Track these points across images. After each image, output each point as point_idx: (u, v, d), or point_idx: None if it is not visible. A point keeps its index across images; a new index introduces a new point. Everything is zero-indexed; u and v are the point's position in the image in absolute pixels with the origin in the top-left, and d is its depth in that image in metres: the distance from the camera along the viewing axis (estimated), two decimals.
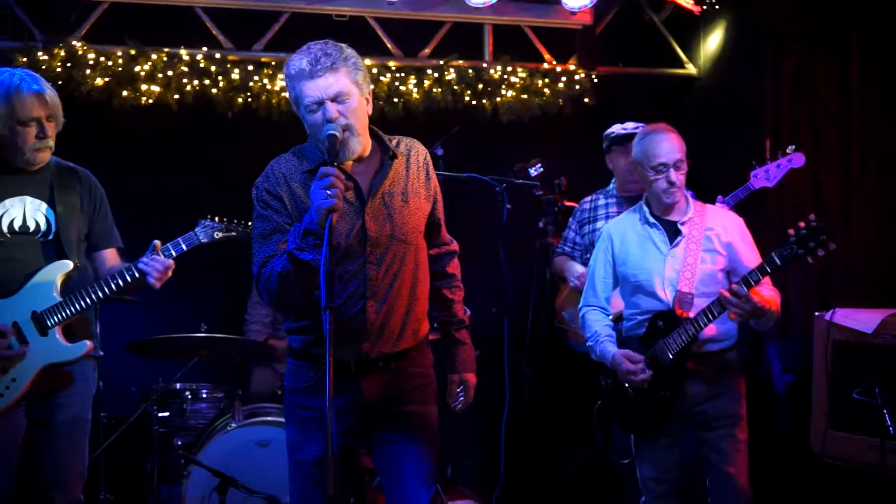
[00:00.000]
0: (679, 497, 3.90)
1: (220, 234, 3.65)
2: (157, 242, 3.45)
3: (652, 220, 3.85)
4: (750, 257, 3.73)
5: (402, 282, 2.96)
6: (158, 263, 3.41)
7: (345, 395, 2.85)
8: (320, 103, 2.81)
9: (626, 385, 3.81)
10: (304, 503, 3.02)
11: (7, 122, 3.33)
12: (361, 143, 2.88)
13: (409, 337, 3.00)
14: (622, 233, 3.94)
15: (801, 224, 3.41)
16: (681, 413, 3.78)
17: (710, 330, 3.67)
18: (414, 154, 3.05)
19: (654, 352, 3.73)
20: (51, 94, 3.43)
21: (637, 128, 5.03)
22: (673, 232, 3.81)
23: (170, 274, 3.47)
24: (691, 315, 3.66)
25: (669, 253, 3.79)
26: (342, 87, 2.81)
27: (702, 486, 4.06)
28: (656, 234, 3.83)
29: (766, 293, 3.60)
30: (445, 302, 3.24)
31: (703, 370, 3.73)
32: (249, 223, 3.55)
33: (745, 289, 3.43)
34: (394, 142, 3.04)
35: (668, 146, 3.76)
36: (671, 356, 3.68)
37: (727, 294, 3.47)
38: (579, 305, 4.08)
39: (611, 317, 3.98)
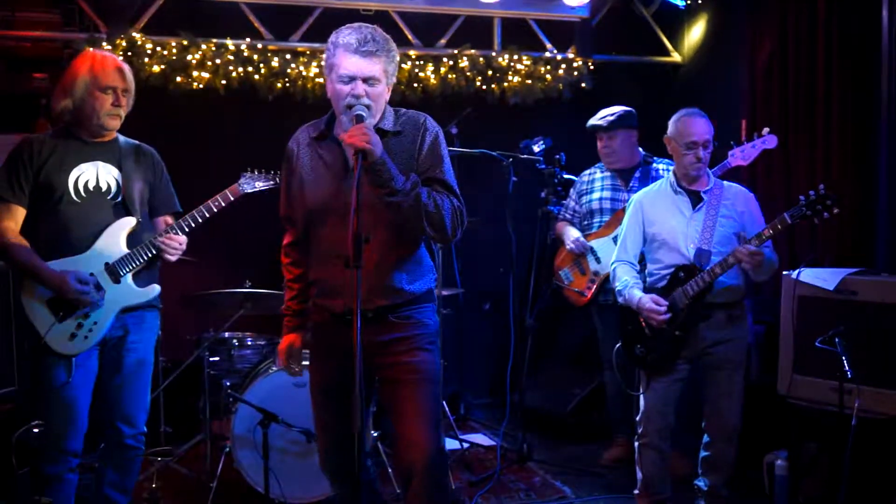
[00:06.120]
0: (670, 433, 3.96)
1: (261, 184, 3.66)
2: (169, 220, 3.56)
3: (679, 189, 3.95)
4: (759, 223, 3.85)
5: (381, 246, 2.83)
6: (169, 240, 3.45)
7: (338, 337, 2.80)
8: (353, 78, 2.80)
9: (645, 326, 3.90)
10: (314, 421, 3.08)
11: (89, 87, 3.35)
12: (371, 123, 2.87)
13: (393, 294, 2.89)
14: (652, 199, 4.03)
15: (812, 191, 3.51)
16: (691, 354, 3.86)
17: (723, 283, 3.76)
18: (411, 127, 2.93)
19: (673, 297, 3.81)
20: (129, 72, 3.47)
21: (614, 113, 5.01)
22: (696, 200, 3.91)
23: (182, 247, 3.49)
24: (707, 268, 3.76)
25: (692, 216, 3.88)
26: (375, 73, 2.81)
27: (692, 423, 4.10)
28: (682, 200, 3.93)
29: (768, 253, 3.71)
30: None
31: (714, 317, 3.81)
32: None
33: (755, 247, 3.59)
34: (398, 115, 2.97)
35: (700, 128, 3.88)
36: (687, 300, 3.77)
37: (743, 250, 3.61)
38: (611, 261, 4.15)
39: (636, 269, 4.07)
